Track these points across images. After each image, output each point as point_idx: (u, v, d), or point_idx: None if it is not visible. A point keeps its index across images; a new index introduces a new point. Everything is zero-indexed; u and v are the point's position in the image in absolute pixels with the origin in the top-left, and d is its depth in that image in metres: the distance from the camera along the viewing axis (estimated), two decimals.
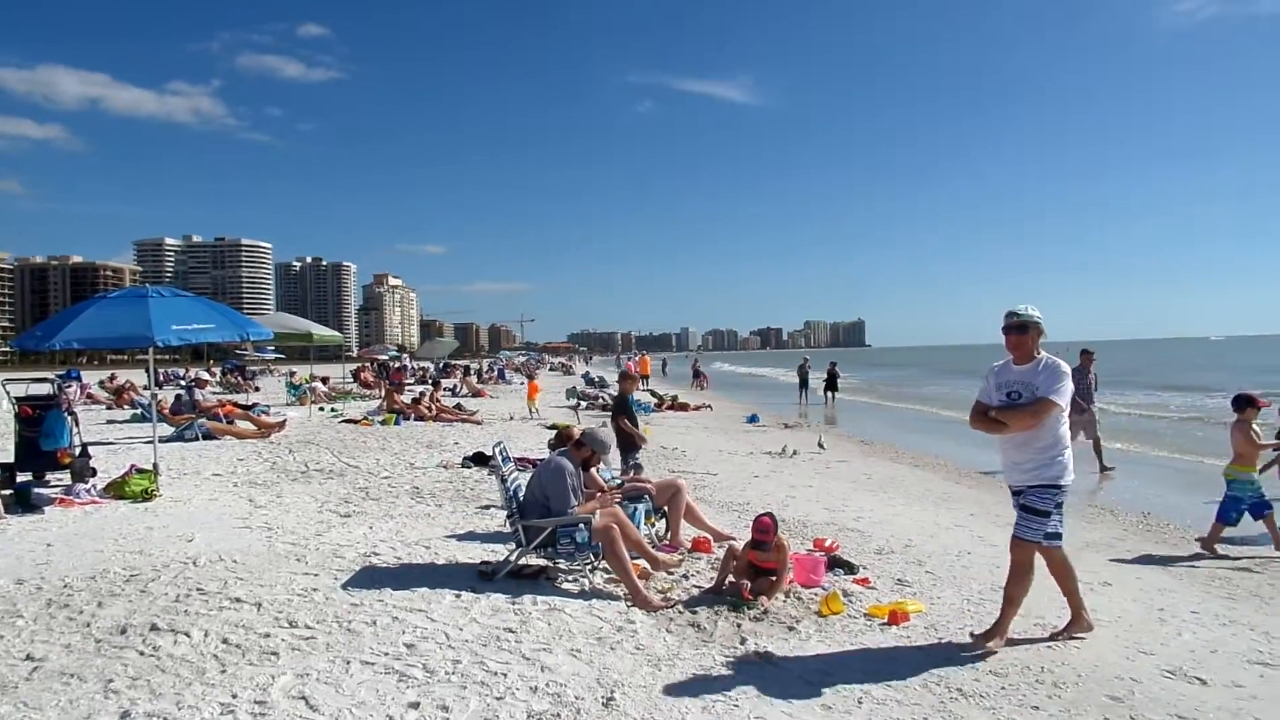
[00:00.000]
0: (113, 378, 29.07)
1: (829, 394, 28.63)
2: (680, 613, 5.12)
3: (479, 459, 11.16)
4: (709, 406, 24.80)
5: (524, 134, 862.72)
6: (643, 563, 5.83)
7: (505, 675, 4.11)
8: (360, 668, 4.16)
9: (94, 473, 9.08)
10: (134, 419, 17.74)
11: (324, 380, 27.32)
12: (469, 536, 7.05)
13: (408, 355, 63.85)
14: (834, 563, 6.13)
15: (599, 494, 6.32)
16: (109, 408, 21.69)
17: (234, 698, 3.81)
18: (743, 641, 4.64)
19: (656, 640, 4.66)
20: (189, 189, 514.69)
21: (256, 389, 30.62)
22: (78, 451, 9.37)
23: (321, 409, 21.12)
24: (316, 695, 3.84)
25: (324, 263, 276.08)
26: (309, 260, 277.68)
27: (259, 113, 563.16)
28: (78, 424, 9.87)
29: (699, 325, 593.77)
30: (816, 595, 5.42)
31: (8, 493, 8.19)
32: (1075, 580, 4.84)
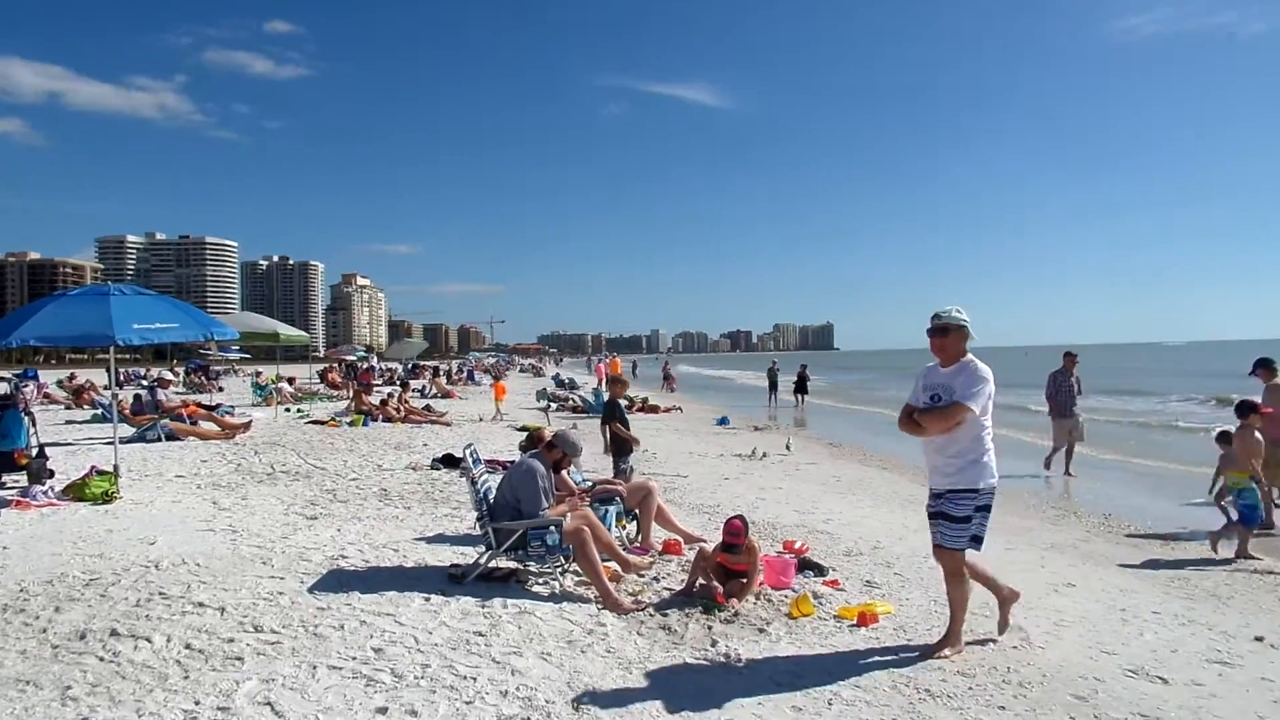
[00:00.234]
0: (72, 377, 28.49)
1: (798, 397, 28.83)
2: (651, 615, 5.12)
3: (448, 461, 11.08)
4: (679, 409, 24.86)
5: (494, 134, 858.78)
6: (614, 565, 5.82)
7: (475, 679, 4.07)
8: (327, 672, 4.10)
9: (52, 474, 8.89)
10: (94, 419, 17.38)
11: (290, 381, 27.00)
12: (438, 539, 6.99)
13: (376, 356, 63.22)
14: (804, 565, 6.17)
15: (570, 496, 6.30)
16: (68, 408, 21.24)
17: (197, 704, 3.73)
18: (714, 644, 4.64)
19: (627, 643, 4.65)
20: (153, 186, 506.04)
21: (221, 389, 30.14)
22: (35, 452, 9.14)
23: (288, 410, 20.86)
24: (282, 701, 3.78)
25: (291, 262, 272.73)
26: (276, 259, 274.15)
27: (226, 109, 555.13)
28: (35, 424, 9.65)
29: (669, 328, 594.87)
30: (787, 597, 5.45)
31: None
32: (993, 579, 4.79)
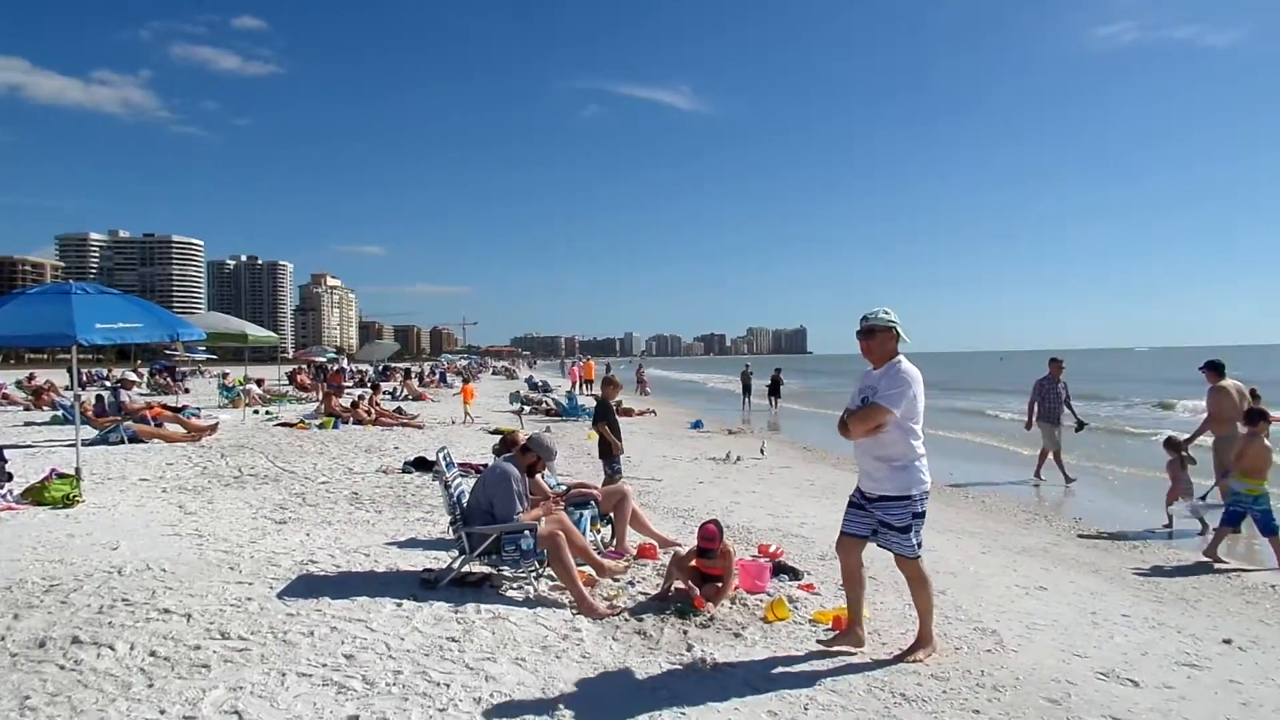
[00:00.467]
0: (31, 377, 27.79)
1: (772, 400, 28.93)
2: (626, 620, 5.08)
3: (421, 464, 10.97)
4: (653, 412, 24.84)
5: (469, 135, 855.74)
6: (588, 569, 5.78)
7: (448, 686, 4.01)
8: (297, 680, 4.02)
9: (10, 477, 8.67)
10: (54, 421, 17.01)
11: (259, 382, 26.64)
12: (410, 543, 6.90)
13: (346, 357, 62.54)
14: (779, 569, 6.17)
15: (544, 500, 6.25)
16: (27, 409, 20.78)
17: (162, 713, 3.64)
18: (689, 648, 4.62)
19: (602, 648, 4.61)
20: (117, 182, 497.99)
21: (186, 391, 29.67)
22: None
23: (256, 412, 20.57)
24: (250, 709, 3.70)
25: (259, 261, 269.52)
26: (243, 259, 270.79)
27: (193, 106, 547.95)
28: None
29: (643, 331, 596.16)
30: (762, 601, 5.44)
31: None
32: (862, 589, 4.76)
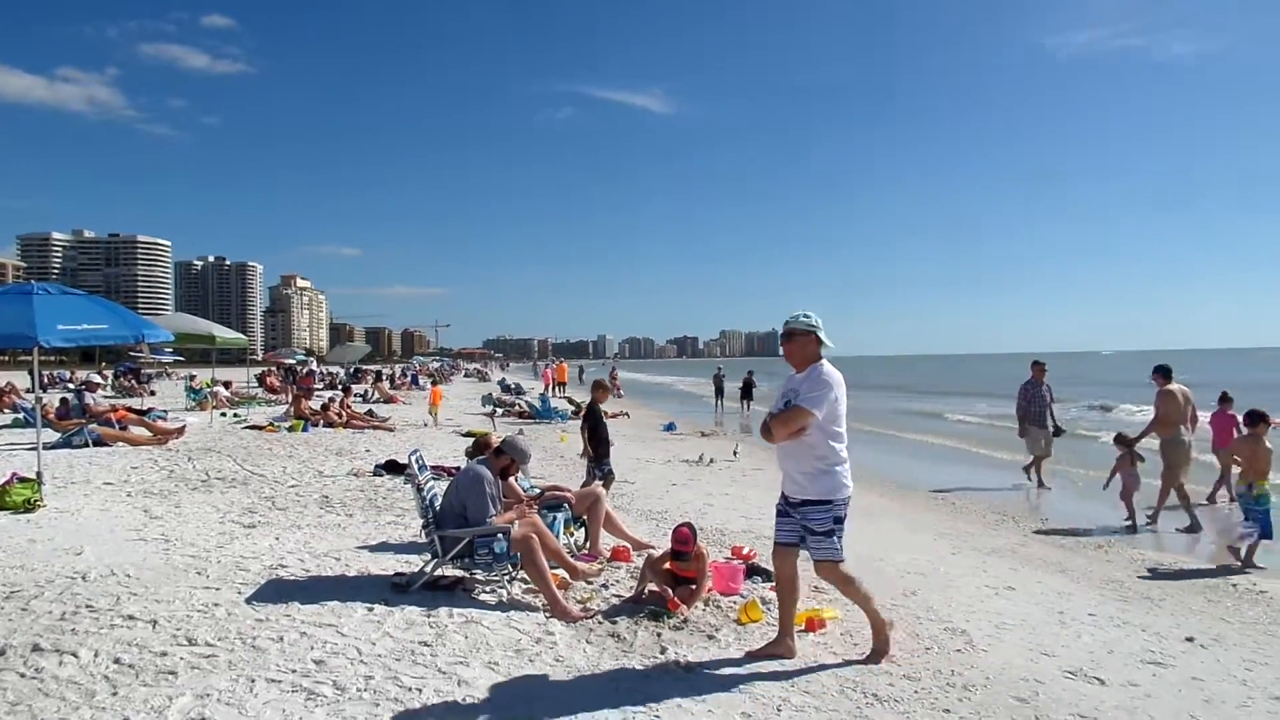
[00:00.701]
0: None
1: (744, 403, 29.04)
2: (600, 623, 5.07)
3: (392, 467, 10.87)
4: (626, 414, 24.82)
5: (440, 137, 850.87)
6: (562, 573, 5.76)
7: (420, 690, 3.98)
8: (265, 686, 3.96)
9: None
10: (15, 424, 16.62)
11: (227, 385, 26.28)
12: (381, 547, 6.84)
13: (316, 360, 61.81)
14: (752, 570, 6.18)
15: (517, 503, 6.22)
16: None
17: None
18: (663, 651, 4.62)
19: (576, 651, 4.60)
20: (81, 182, 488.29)
21: (153, 393, 29.17)
22: None
23: (224, 415, 20.27)
24: (218, 716, 3.64)
25: (228, 262, 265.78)
26: (212, 259, 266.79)
27: (160, 104, 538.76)
28: None
29: (616, 333, 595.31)
30: (735, 603, 5.45)
31: None
32: (796, 598, 4.65)
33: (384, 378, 37.94)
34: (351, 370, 44.75)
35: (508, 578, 5.76)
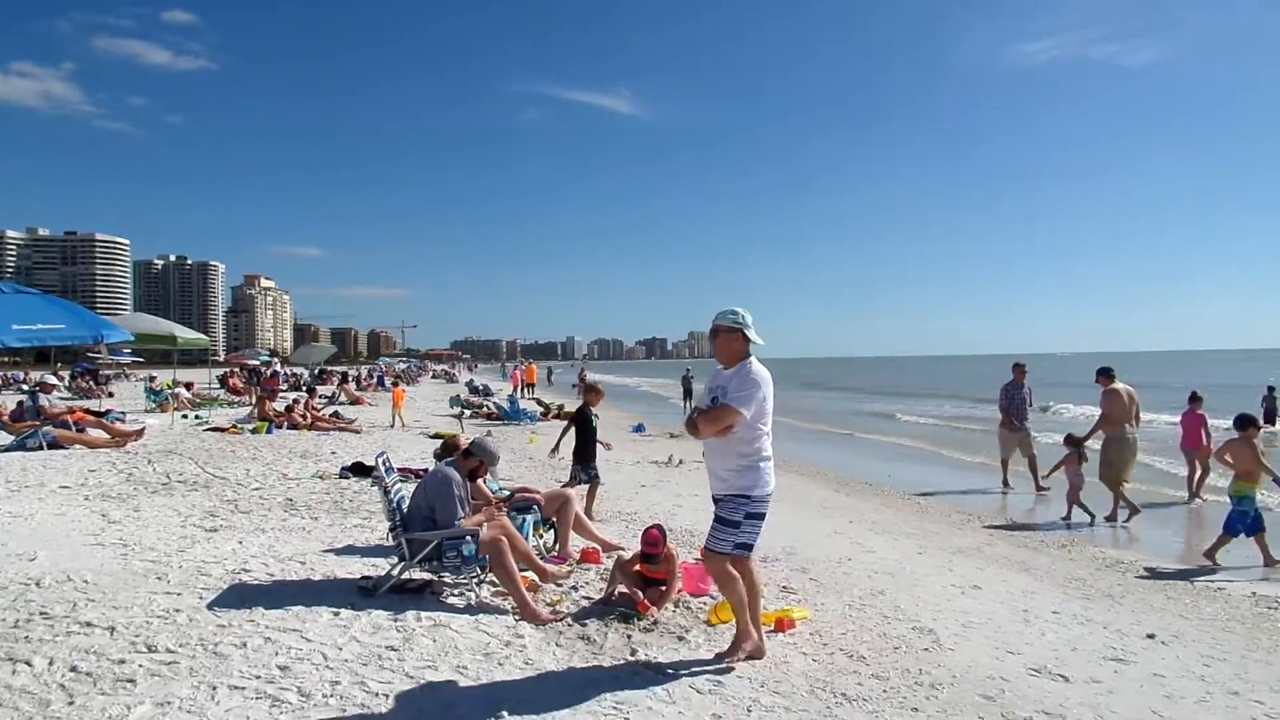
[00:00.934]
0: None
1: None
2: (570, 625, 5.04)
3: (358, 469, 10.74)
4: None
5: (407, 136, 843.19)
6: (531, 575, 5.72)
7: (387, 696, 3.92)
8: (228, 693, 3.88)
9: None
10: None
11: (188, 386, 25.79)
12: (348, 550, 6.75)
13: (280, 360, 60.92)
14: None
15: (486, 506, 6.17)
16: None
17: None
18: (633, 653, 4.60)
19: (546, 654, 4.57)
20: (36, 178, 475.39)
21: (110, 395, 28.53)
22: None
23: (185, 416, 19.90)
24: None
25: (189, 262, 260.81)
26: (173, 259, 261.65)
27: (119, 100, 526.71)
28: None
29: (585, 334, 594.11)
30: (705, 604, 5.45)
31: None
32: (757, 598, 4.62)
33: (350, 379, 37.53)
34: (317, 371, 44.16)
35: (476, 580, 5.71)
